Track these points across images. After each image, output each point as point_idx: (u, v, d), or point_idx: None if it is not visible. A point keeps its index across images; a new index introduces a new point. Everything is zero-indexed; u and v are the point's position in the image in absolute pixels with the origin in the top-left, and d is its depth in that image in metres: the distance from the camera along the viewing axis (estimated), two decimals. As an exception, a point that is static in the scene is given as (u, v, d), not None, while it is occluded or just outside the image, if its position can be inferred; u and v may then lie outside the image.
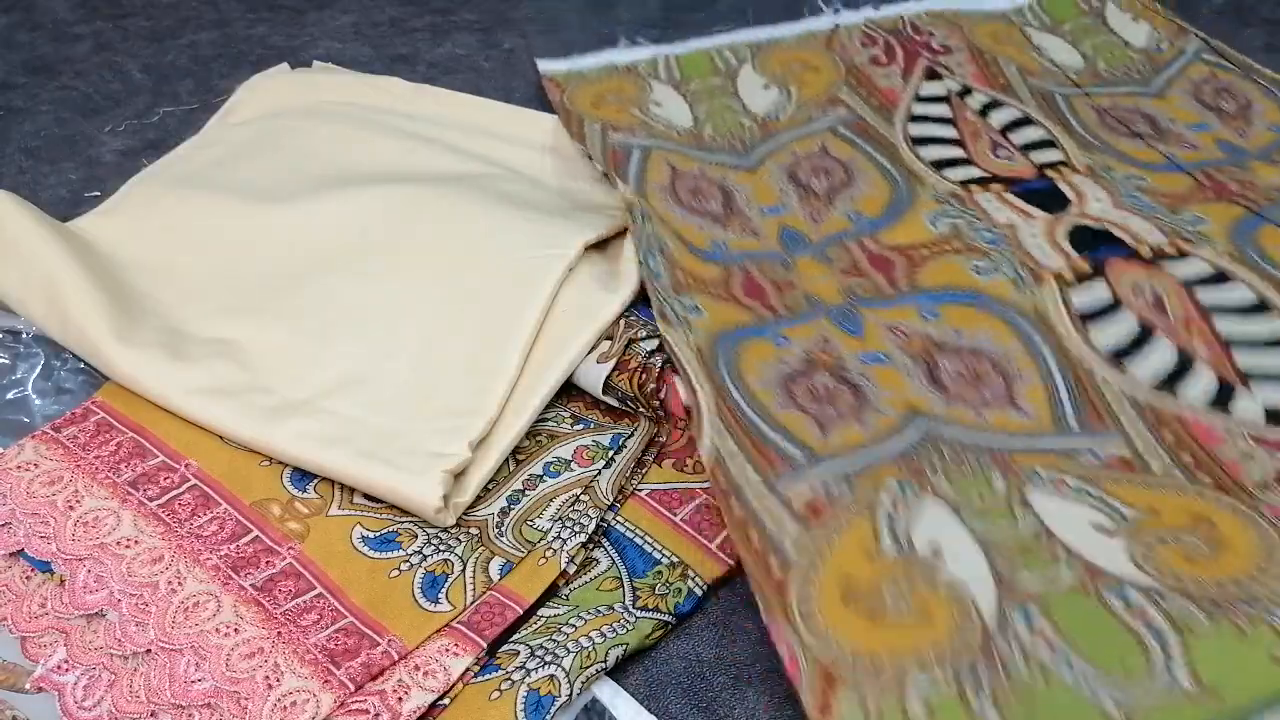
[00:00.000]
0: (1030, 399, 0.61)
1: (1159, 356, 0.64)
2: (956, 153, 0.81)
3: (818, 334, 0.65)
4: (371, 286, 0.69)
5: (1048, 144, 0.82)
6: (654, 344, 0.64)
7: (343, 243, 0.71)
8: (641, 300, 0.68)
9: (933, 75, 0.89)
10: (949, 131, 0.84)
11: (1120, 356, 0.64)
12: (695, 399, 0.58)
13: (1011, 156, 0.80)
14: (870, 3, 0.98)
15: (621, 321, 0.65)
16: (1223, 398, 0.61)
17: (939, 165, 0.80)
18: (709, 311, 0.65)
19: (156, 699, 0.50)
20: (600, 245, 0.71)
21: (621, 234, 0.71)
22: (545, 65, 0.91)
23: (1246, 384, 0.61)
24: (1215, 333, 0.64)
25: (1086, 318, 0.66)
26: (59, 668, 0.52)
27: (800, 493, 0.54)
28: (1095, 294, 0.68)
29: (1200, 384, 0.62)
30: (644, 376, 0.62)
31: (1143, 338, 0.65)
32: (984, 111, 0.85)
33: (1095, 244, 0.71)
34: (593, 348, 0.64)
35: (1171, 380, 0.62)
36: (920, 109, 0.86)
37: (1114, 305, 0.67)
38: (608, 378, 0.63)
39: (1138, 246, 0.70)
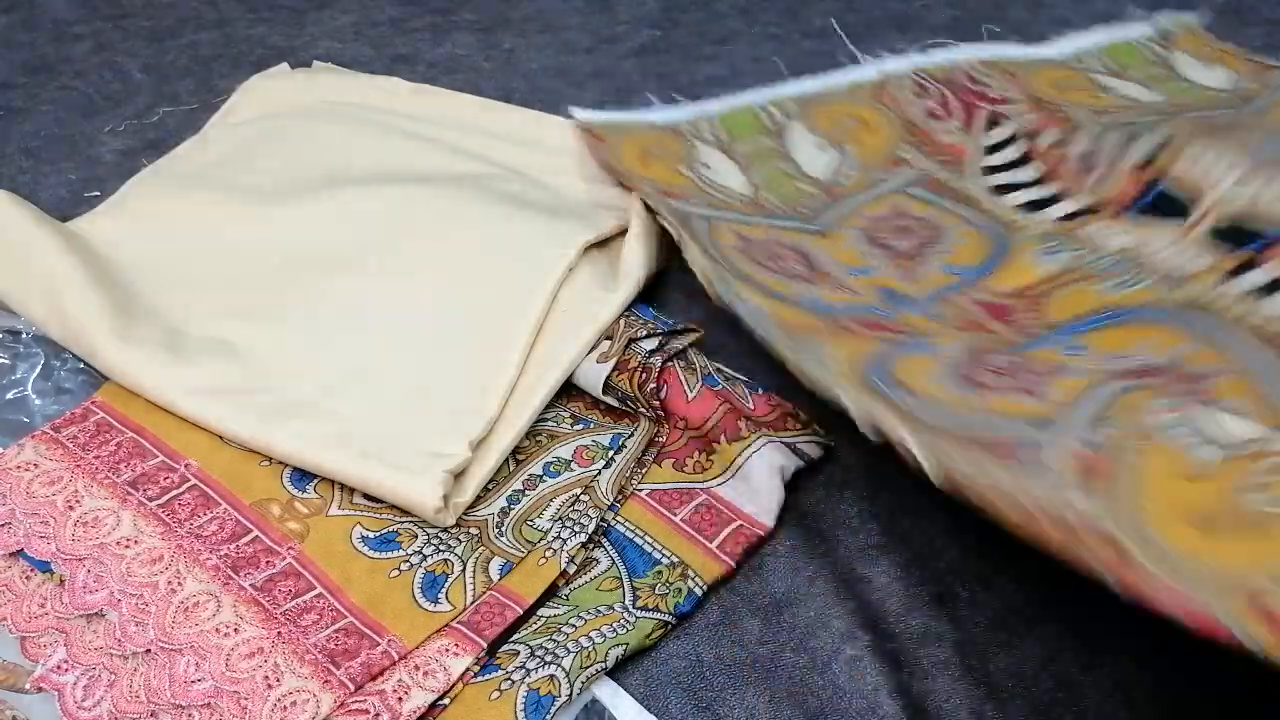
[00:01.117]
0: (1237, 394, 0.50)
1: None
2: (1046, 191, 0.71)
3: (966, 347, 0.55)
4: (371, 286, 0.69)
5: (1141, 134, 0.70)
6: (654, 344, 0.64)
7: (342, 242, 0.71)
8: (641, 300, 0.68)
9: (995, 123, 0.79)
10: (1030, 173, 0.74)
11: None
12: (901, 435, 0.48)
13: (1109, 174, 0.69)
14: (916, 47, 0.88)
15: (621, 321, 0.65)
16: None
17: (1031, 208, 0.71)
18: (832, 344, 0.57)
19: (156, 699, 0.50)
20: (600, 245, 0.71)
21: (621, 234, 0.71)
22: (580, 114, 0.82)
23: None
24: None
25: (1259, 294, 0.56)
26: (59, 668, 0.52)
27: (1064, 463, 0.45)
28: (1260, 274, 0.57)
29: None
30: (644, 376, 0.62)
31: None
32: (1059, 145, 0.75)
33: (1241, 239, 0.61)
34: (593, 348, 0.64)
35: None
36: (992, 160, 0.76)
37: None
38: (608, 378, 0.63)
39: None
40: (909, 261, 0.67)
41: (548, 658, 0.52)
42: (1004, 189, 0.74)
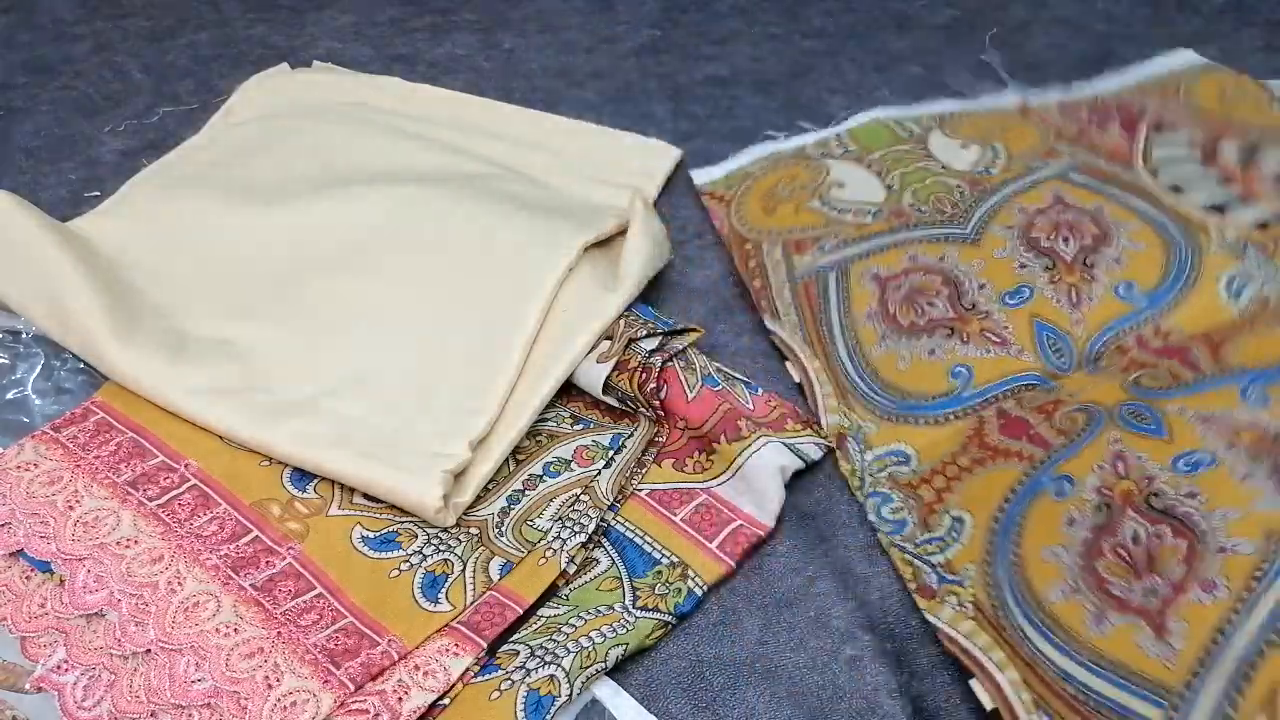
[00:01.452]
0: None
1: None
2: (1231, 192, 0.64)
3: (1108, 452, 0.51)
4: (372, 286, 0.69)
5: None
6: (654, 344, 0.64)
7: (342, 243, 0.71)
8: (641, 300, 0.68)
9: (1161, 128, 0.72)
10: (1210, 173, 0.67)
11: None
12: (1005, 703, 0.47)
13: None
14: (1058, 84, 0.82)
15: (621, 321, 0.65)
16: None
17: (1217, 210, 0.63)
18: (971, 507, 0.53)
19: (156, 699, 0.50)
20: (600, 245, 0.71)
21: (621, 234, 0.71)
22: (701, 176, 0.78)
23: None
24: None
25: None
26: (59, 668, 0.52)
27: None
28: None
29: None
30: (644, 376, 0.62)
31: None
32: (1248, 156, 0.67)
33: None
34: (593, 348, 0.64)
35: None
36: (1162, 154, 0.69)
37: None
38: (608, 378, 0.63)
39: None
40: (1074, 275, 0.61)
41: (548, 658, 0.52)
42: (1181, 188, 0.66)
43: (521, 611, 0.54)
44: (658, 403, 0.62)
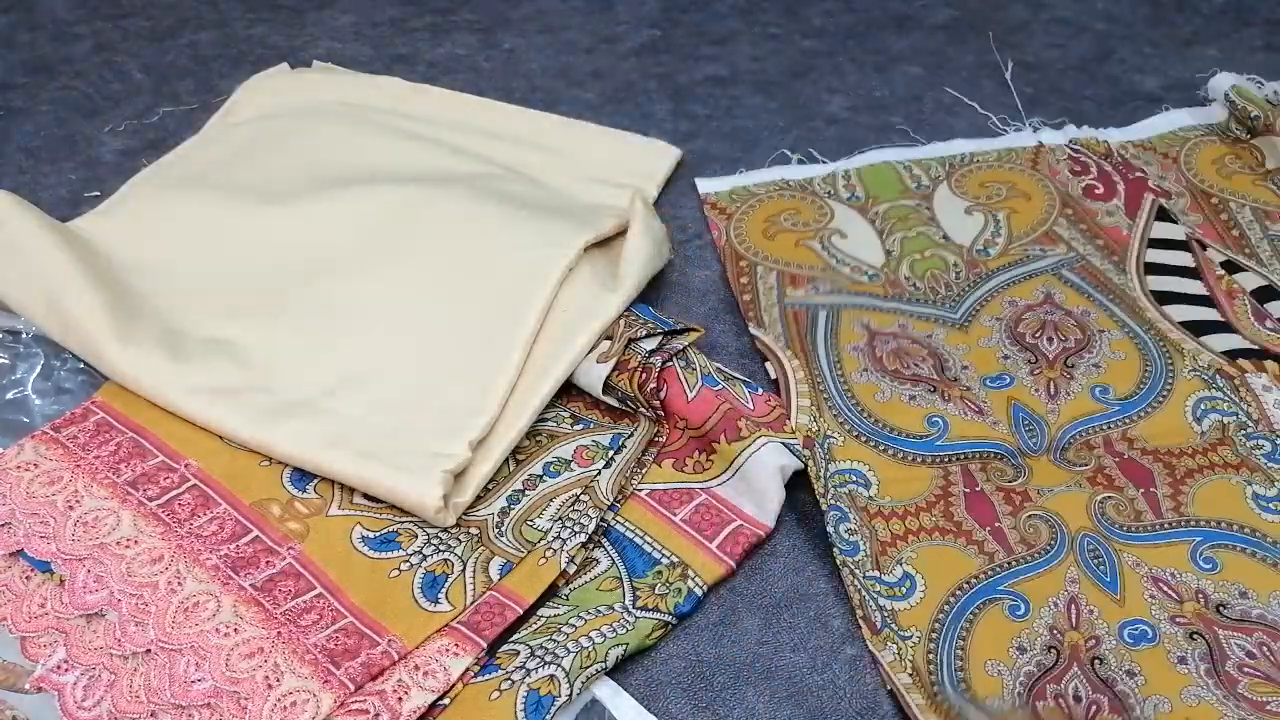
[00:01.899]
0: None
1: None
2: (1211, 314, 0.68)
3: (1063, 594, 0.55)
4: (372, 286, 0.69)
5: None
6: (654, 344, 0.64)
7: (343, 242, 0.71)
8: (641, 300, 0.68)
9: (1164, 215, 0.76)
10: (1196, 287, 0.70)
11: None
12: None
13: None
14: (1071, 122, 0.85)
15: (621, 321, 0.65)
16: None
17: (1194, 329, 0.67)
18: (925, 572, 0.56)
19: (156, 699, 0.50)
20: (600, 245, 0.71)
21: (621, 234, 0.71)
22: (706, 185, 0.81)
23: None
24: None
25: None
26: (59, 668, 0.52)
27: None
28: None
29: None
30: (644, 376, 0.62)
31: None
32: (1229, 269, 0.71)
33: None
34: (593, 348, 0.64)
35: None
36: (1156, 256, 0.72)
37: None
38: (608, 378, 0.63)
39: None
40: (1053, 371, 0.65)
41: (548, 658, 0.52)
42: (1167, 298, 0.70)
43: (521, 611, 0.54)
44: (658, 403, 0.62)
